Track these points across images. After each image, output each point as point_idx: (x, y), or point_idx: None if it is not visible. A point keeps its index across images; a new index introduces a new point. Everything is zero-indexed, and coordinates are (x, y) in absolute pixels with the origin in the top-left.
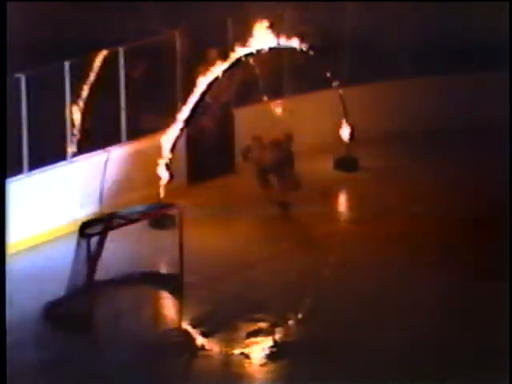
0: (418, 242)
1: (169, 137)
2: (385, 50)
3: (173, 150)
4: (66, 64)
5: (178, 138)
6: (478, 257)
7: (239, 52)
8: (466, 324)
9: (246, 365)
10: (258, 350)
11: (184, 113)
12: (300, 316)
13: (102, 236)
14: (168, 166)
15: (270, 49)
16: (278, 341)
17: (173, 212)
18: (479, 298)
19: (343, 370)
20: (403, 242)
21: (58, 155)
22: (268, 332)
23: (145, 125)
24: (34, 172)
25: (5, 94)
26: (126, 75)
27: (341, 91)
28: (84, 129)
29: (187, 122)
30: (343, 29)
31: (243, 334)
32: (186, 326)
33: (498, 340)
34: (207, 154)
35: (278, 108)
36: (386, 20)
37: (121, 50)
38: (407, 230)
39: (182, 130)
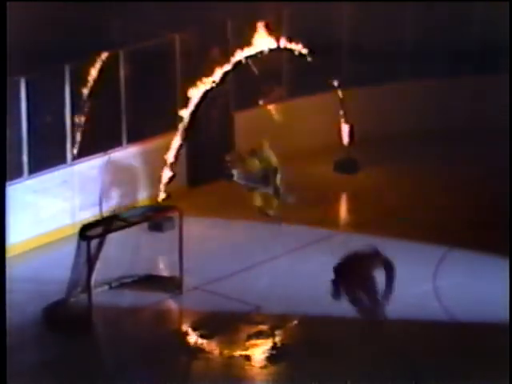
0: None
1: (172, 139)
2: (384, 52)
3: (177, 153)
4: (67, 67)
5: (181, 141)
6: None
7: (239, 54)
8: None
9: (247, 367)
10: (259, 352)
11: (185, 118)
12: (300, 318)
13: (102, 238)
14: (169, 169)
15: (270, 51)
16: (278, 343)
17: (172, 214)
18: None
19: (343, 371)
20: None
21: (59, 158)
22: (268, 334)
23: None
24: (34, 175)
25: (5, 97)
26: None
27: (340, 93)
28: (84, 131)
29: (188, 126)
30: (342, 30)
31: (243, 336)
32: (185, 328)
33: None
34: (207, 157)
35: (277, 111)
36: (385, 22)
37: (121, 53)
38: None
39: (184, 133)
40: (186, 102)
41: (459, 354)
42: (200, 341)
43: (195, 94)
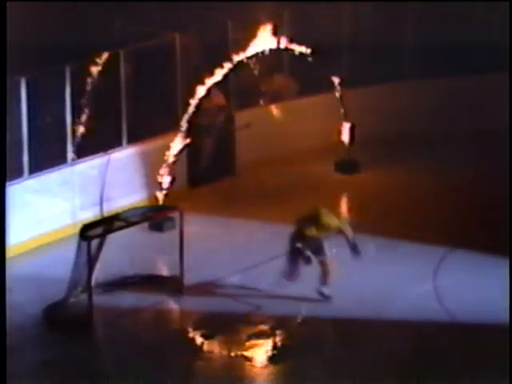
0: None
1: (174, 140)
2: (385, 52)
3: (177, 154)
4: (67, 67)
5: (182, 142)
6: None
7: (239, 55)
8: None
9: (247, 367)
10: (259, 352)
11: (186, 117)
12: (300, 318)
13: (102, 239)
14: (169, 169)
15: (271, 51)
16: (279, 343)
17: (173, 214)
18: None
19: (343, 371)
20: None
21: (59, 158)
22: (268, 334)
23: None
24: (34, 175)
25: (5, 97)
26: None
27: (340, 93)
28: (84, 131)
29: (189, 126)
30: (343, 30)
31: (244, 336)
32: (186, 328)
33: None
34: (208, 156)
35: (278, 111)
36: (385, 21)
37: (121, 53)
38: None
39: (185, 134)
40: (186, 102)
41: (459, 354)
42: (200, 341)
43: (196, 93)
